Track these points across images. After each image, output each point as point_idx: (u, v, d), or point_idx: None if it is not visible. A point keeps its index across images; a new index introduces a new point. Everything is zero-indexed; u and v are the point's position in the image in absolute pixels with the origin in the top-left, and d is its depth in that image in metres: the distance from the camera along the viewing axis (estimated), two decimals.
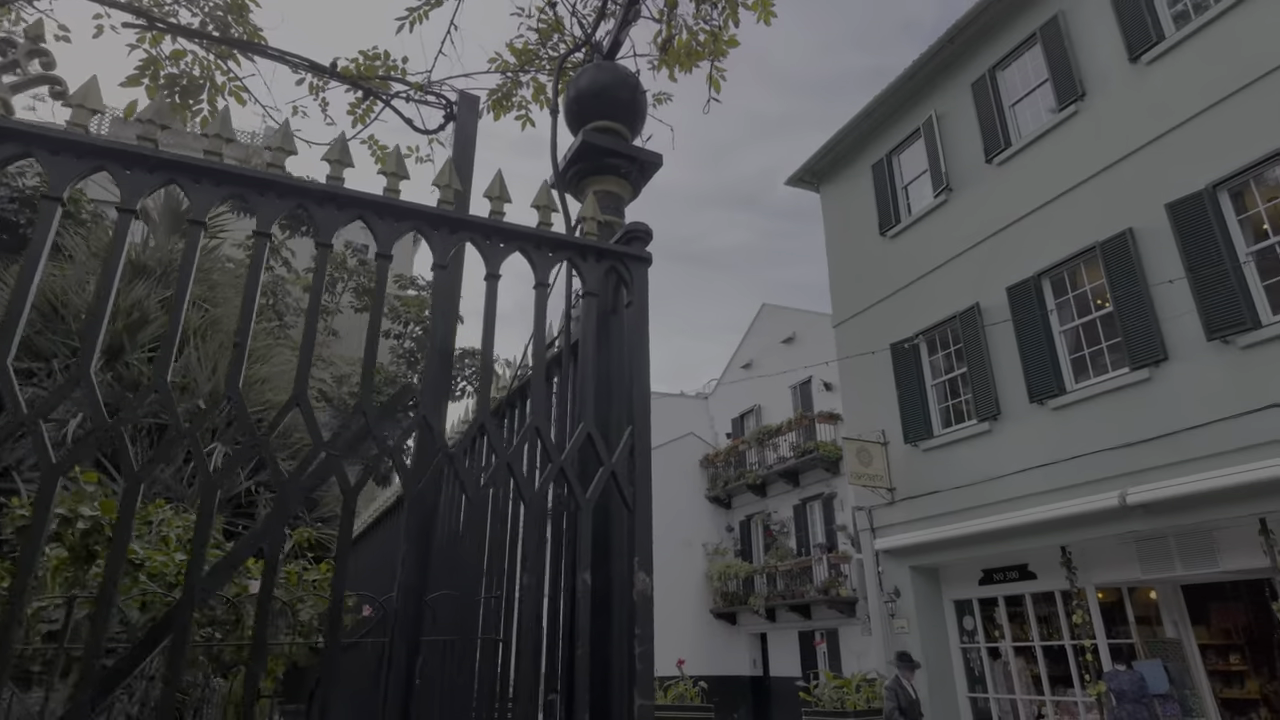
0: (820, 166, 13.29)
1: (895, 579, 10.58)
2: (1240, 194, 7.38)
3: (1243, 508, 6.86)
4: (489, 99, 2.85)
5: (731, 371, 24.09)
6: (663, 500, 21.04)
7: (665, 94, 2.95)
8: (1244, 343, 6.99)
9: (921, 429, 10.55)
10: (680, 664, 10.52)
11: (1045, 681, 9.09)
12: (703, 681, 10.31)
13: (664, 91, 2.95)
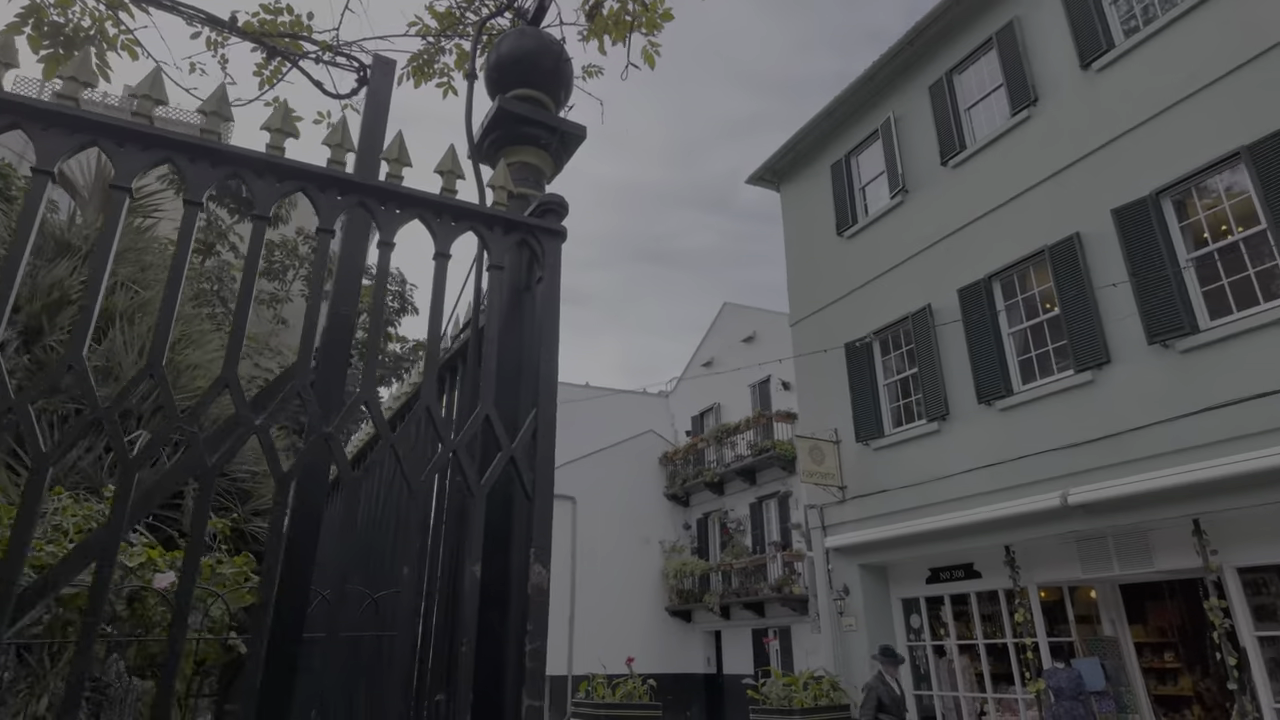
0: (781, 165, 13.30)
1: (845, 577, 10.63)
2: (1182, 201, 7.53)
3: (1177, 509, 7.01)
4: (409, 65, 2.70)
5: (692, 369, 24.10)
6: (621, 497, 21.00)
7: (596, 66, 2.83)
8: (1183, 347, 7.14)
9: (873, 428, 10.62)
10: (630, 662, 10.43)
11: (988, 679, 9.21)
12: (651, 679, 10.23)
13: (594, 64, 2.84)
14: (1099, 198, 8.15)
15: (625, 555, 20.49)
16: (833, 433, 11.35)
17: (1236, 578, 6.95)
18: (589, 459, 21.13)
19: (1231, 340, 6.81)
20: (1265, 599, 6.88)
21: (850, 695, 9.91)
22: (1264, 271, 6.79)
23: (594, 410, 30.99)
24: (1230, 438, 6.63)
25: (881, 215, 11.19)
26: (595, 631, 19.06)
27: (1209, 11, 7.44)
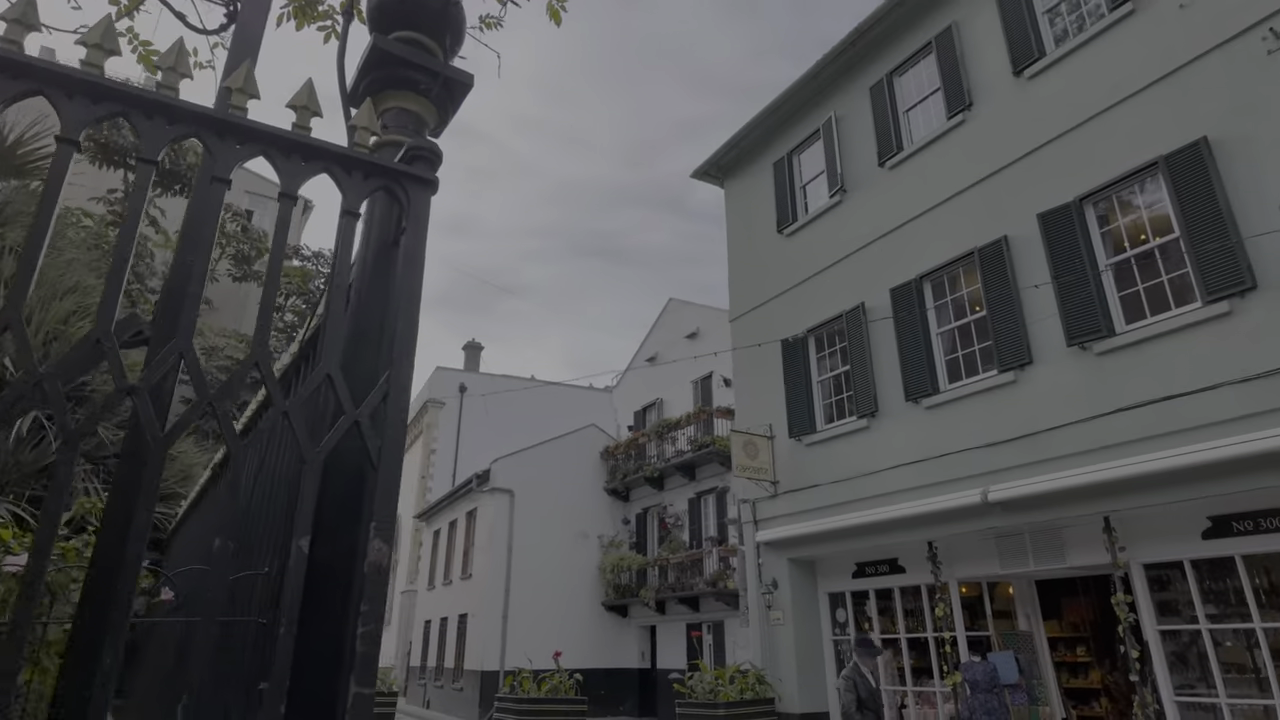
0: (726, 161, 13.30)
1: (774, 571, 10.69)
2: (1104, 208, 7.75)
3: (1090, 506, 7.21)
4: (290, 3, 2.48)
5: (636, 364, 24.02)
6: (561, 491, 20.78)
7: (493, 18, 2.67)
8: (1099, 349, 7.34)
9: (806, 424, 10.69)
10: (557, 656, 10.28)
11: (908, 673, 9.36)
12: (578, 674, 10.10)
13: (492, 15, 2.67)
14: (1027, 202, 8.33)
15: (563, 550, 20.31)
16: (767, 428, 11.39)
17: (1142, 574, 7.20)
18: (529, 452, 20.87)
19: (1144, 344, 7.03)
20: (1168, 595, 7.14)
21: (775, 689, 9.97)
22: (1177, 278, 7.03)
23: (537, 404, 30.70)
24: (1140, 438, 6.85)
25: (820, 214, 11.27)
26: (530, 626, 18.83)
27: (1130, 27, 7.67)
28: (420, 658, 23.64)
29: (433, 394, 29.06)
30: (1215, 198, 6.66)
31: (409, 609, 27.00)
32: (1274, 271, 6.23)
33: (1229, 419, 6.30)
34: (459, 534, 21.96)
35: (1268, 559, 6.47)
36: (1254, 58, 6.59)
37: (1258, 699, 6.36)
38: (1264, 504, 6.40)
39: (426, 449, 28.72)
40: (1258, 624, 6.38)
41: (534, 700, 9.40)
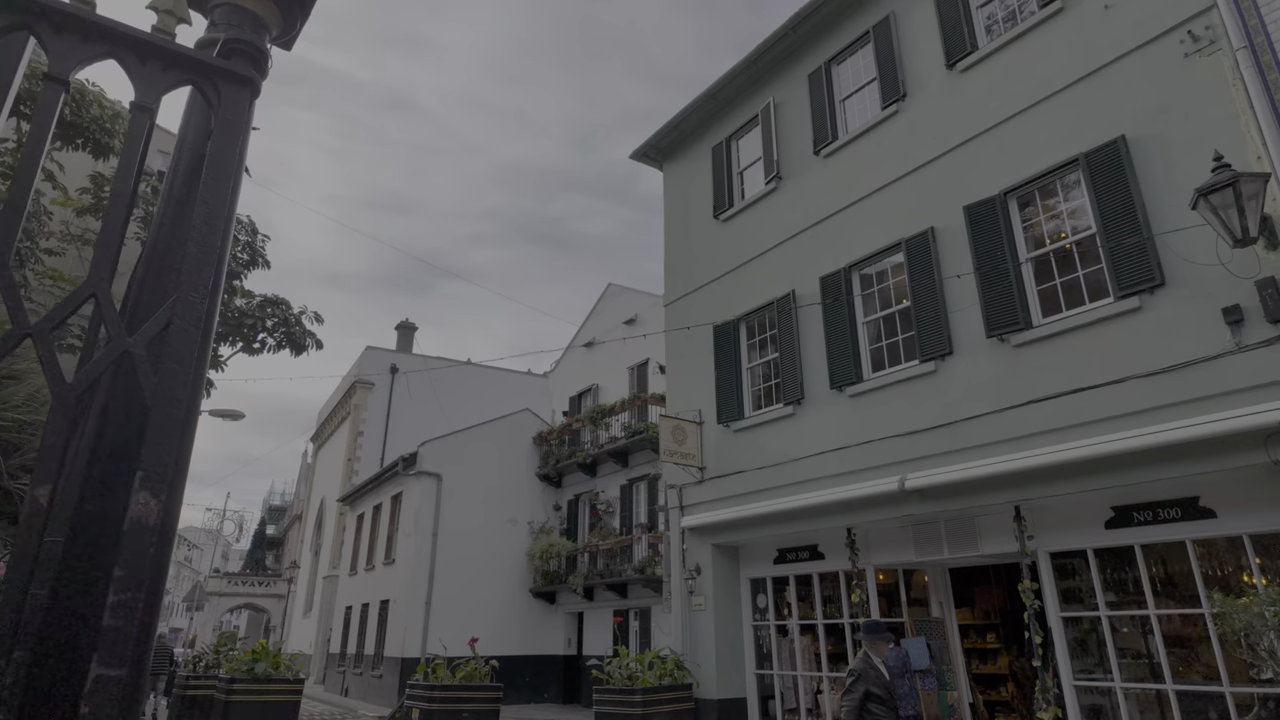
0: (665, 144, 13.12)
1: (698, 556, 10.64)
2: (1027, 203, 7.87)
3: (1002, 495, 7.33)
4: None
5: (574, 350, 23.73)
6: (492, 476, 20.37)
7: None
8: (1016, 341, 7.46)
9: (734, 410, 10.65)
10: (473, 643, 10.00)
11: (824, 658, 9.44)
12: (495, 660, 9.85)
13: None
14: (954, 194, 8.41)
15: (491, 536, 19.94)
16: (697, 414, 11.32)
17: (1049, 562, 7.37)
18: (458, 436, 20.39)
19: (1059, 337, 7.16)
20: (1072, 583, 7.33)
21: (694, 674, 9.92)
22: (1092, 273, 7.18)
23: (472, 387, 30.09)
24: (1051, 429, 6.98)
25: (756, 200, 11.21)
26: (454, 613, 18.45)
27: (1058, 25, 7.78)
28: (340, 645, 22.94)
29: (362, 374, 28.15)
30: (1130, 196, 6.81)
31: (330, 595, 26.19)
32: (1181, 269, 6.40)
33: (1135, 412, 6.46)
34: (383, 518, 21.34)
35: (1164, 548, 6.69)
36: (1172, 60, 6.75)
37: (1150, 684, 6.58)
38: (1163, 495, 6.60)
39: (354, 431, 27.83)
40: (1152, 611, 6.59)
41: (447, 688, 9.12)
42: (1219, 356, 6.07)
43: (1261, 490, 5.99)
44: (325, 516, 30.85)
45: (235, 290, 13.61)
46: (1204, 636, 6.27)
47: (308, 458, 40.16)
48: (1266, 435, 5.67)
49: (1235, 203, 5.52)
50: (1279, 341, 5.76)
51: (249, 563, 44.54)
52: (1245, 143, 6.13)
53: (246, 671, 9.62)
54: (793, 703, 9.71)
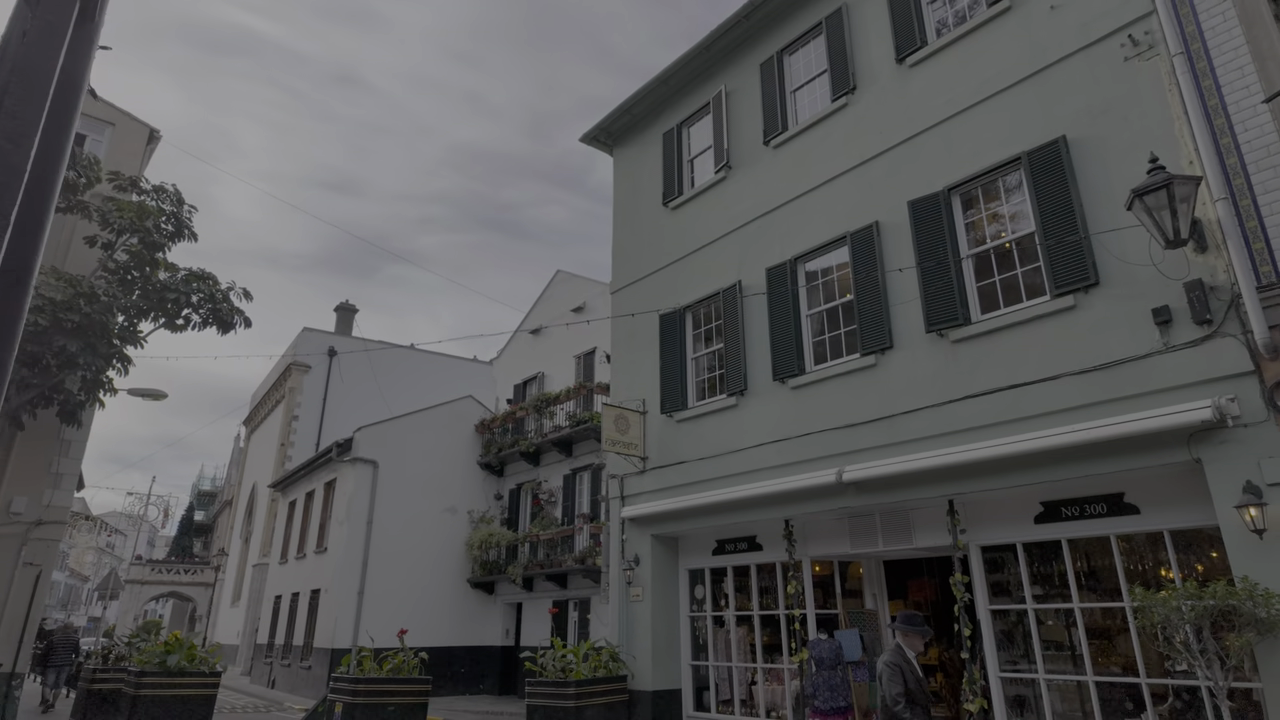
0: (616, 128, 12.89)
1: (637, 547, 10.52)
2: (969, 200, 7.92)
3: (936, 489, 7.39)
4: None
5: (520, 336, 23.34)
6: (431, 464, 19.88)
7: None
8: (955, 336, 7.51)
9: (678, 400, 10.55)
10: (401, 634, 9.67)
11: (759, 649, 9.43)
12: (424, 652, 9.55)
13: None
14: (899, 189, 8.42)
15: (428, 525, 19.49)
16: (641, 403, 11.18)
17: (979, 555, 7.46)
18: (397, 422, 19.84)
19: (997, 333, 7.23)
20: (1001, 576, 7.44)
21: (629, 666, 9.81)
22: (1030, 271, 7.26)
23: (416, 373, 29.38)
24: (985, 424, 7.05)
25: (706, 189, 11.09)
26: (387, 603, 17.97)
27: (1005, 24, 7.83)
28: (268, 635, 22.16)
29: (298, 356, 27.18)
30: (1069, 195, 6.89)
31: (260, 584, 25.29)
32: (1115, 269, 6.50)
33: (1067, 408, 6.56)
34: (316, 506, 20.65)
35: (1089, 543, 6.82)
36: (1113, 63, 6.84)
37: (1072, 675, 6.71)
38: (1090, 491, 6.73)
39: (288, 415, 26.89)
40: (1076, 604, 6.72)
41: (372, 680, 8.79)
42: (1148, 356, 6.19)
43: (1182, 487, 6.14)
44: (257, 503, 29.78)
45: (158, 263, 12.88)
46: (1124, 629, 6.42)
47: (240, 442, 38.72)
48: (1189, 434, 5.80)
49: (1168, 204, 5.61)
50: (1204, 342, 5.89)
51: (175, 549, 42.79)
52: (1179, 147, 6.25)
53: (158, 664, 9.11)
54: (727, 694, 9.69)
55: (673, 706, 9.78)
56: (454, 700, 17.77)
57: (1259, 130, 5.81)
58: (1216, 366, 5.78)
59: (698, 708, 9.83)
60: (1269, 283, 5.57)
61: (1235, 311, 5.75)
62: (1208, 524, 5.94)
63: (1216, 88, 6.07)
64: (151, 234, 12.59)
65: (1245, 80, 5.93)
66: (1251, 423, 5.56)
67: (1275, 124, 5.75)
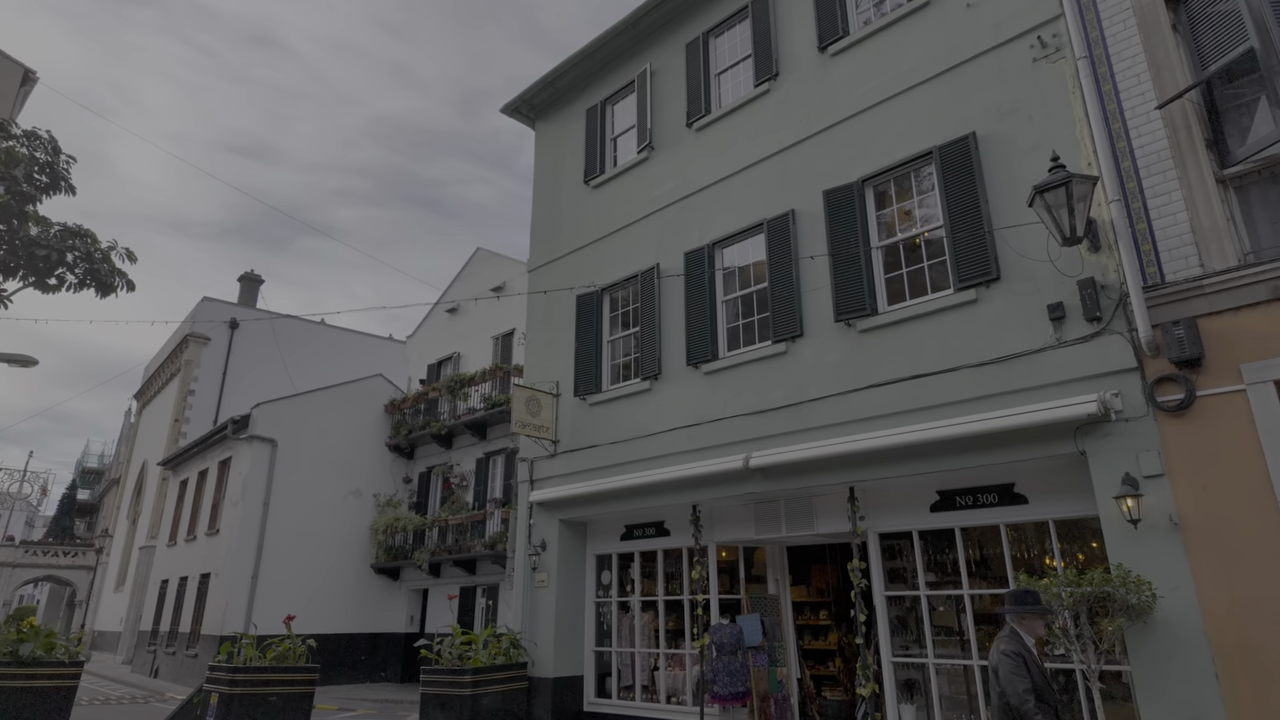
0: (539, 100, 12.51)
1: (545, 532, 10.29)
2: (882, 192, 7.99)
3: (839, 476, 7.45)
4: None
5: (436, 315, 22.60)
6: (336, 444, 19.03)
7: None
8: (862, 326, 7.57)
9: (592, 383, 10.34)
10: (288, 620, 9.15)
11: (663, 635, 9.38)
12: (311, 639, 9.06)
13: None
14: (816, 178, 8.43)
15: (331, 507, 18.68)
16: (554, 385, 10.92)
17: (877, 542, 7.58)
18: (299, 399, 18.89)
19: (902, 325, 7.32)
20: (897, 563, 7.58)
21: (531, 653, 9.59)
22: (936, 265, 7.37)
23: (325, 350, 28.12)
24: (887, 413, 7.14)
25: (628, 169, 10.88)
26: (283, 589, 17.13)
27: (924, 19, 7.91)
28: (153, 621, 20.85)
29: (196, 327, 25.56)
30: (976, 191, 7.02)
31: (146, 567, 23.76)
32: (1015, 265, 6.66)
33: (964, 400, 6.69)
34: (209, 485, 19.48)
35: (980, 531, 7.01)
36: (1022, 63, 6.99)
37: (960, 659, 6.90)
38: (983, 481, 6.91)
39: (183, 389, 25.29)
40: (966, 590, 6.90)
41: (252, 669, 8.26)
42: (1041, 351, 6.36)
43: (1068, 479, 6.36)
44: (147, 481, 27.94)
45: (27, 216, 11.73)
46: None
47: (131, 417, 36.27)
48: (1076, 427, 6.00)
49: (1067, 202, 5.75)
50: (1094, 339, 6.09)
51: (54, 530, 39.80)
52: (1080, 148, 6.43)
53: (9, 654, 8.31)
54: (629, 680, 9.60)
55: (574, 694, 9.63)
56: (353, 689, 17.14)
57: (1151, 136, 6.02)
58: (1103, 362, 5.99)
59: (599, 694, 9.71)
60: (1154, 283, 5.80)
61: (1123, 310, 5.96)
62: (1089, 514, 6.17)
63: (1115, 93, 6.26)
64: (20, 183, 11.44)
65: (1141, 87, 6.14)
66: (1133, 417, 5.79)
67: (1166, 131, 5.98)
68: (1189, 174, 5.80)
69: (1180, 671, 5.24)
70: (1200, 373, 5.52)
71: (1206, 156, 5.77)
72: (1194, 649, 5.21)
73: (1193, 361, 5.52)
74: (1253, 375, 5.29)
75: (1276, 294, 5.27)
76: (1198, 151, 5.81)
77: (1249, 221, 5.61)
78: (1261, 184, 5.60)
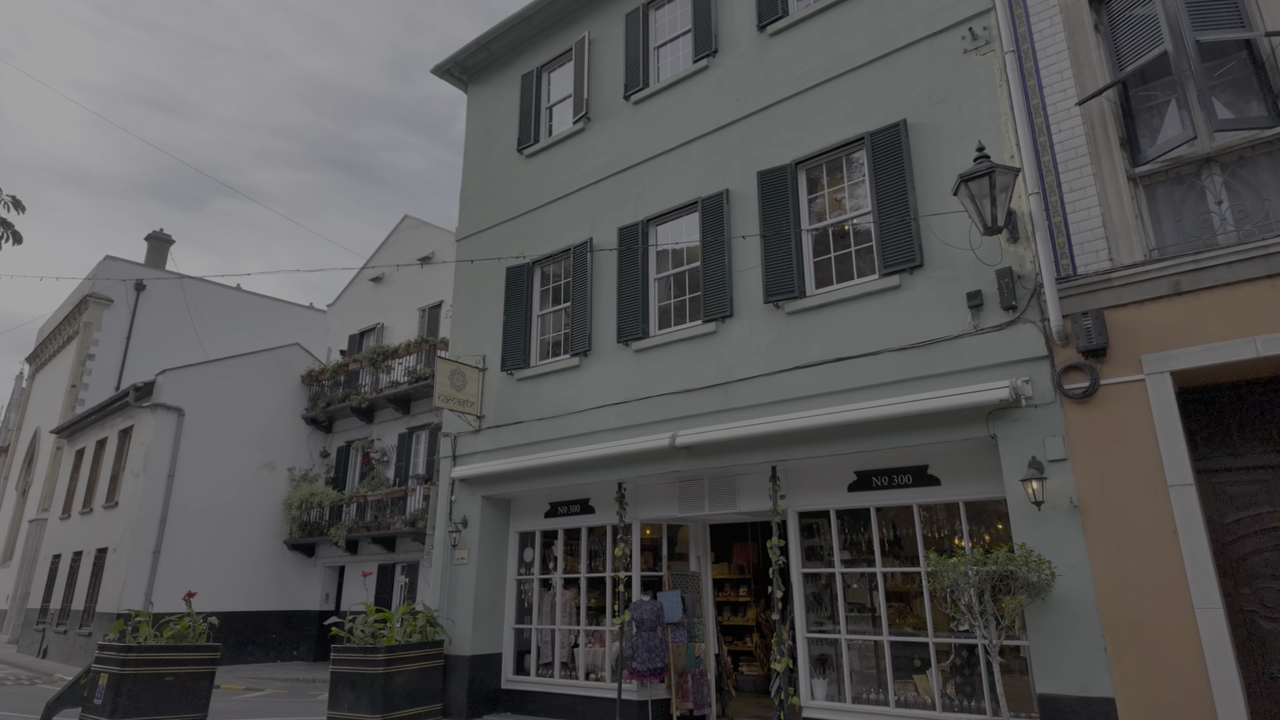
0: (472, 63, 12.07)
1: (467, 509, 10.06)
2: (815, 175, 8.03)
3: (762, 456, 7.52)
4: None
5: (360, 284, 21.78)
6: (249, 415, 18.18)
7: None
8: (790, 309, 7.62)
9: (520, 358, 10.13)
10: (188, 597, 8.68)
11: (584, 612, 9.34)
12: (214, 617, 8.62)
13: None
14: (751, 158, 8.41)
15: (243, 481, 17.89)
16: (481, 359, 10.65)
17: (796, 521, 7.70)
18: (209, 366, 17.94)
19: (828, 308, 7.40)
20: (815, 541, 7.72)
21: (448, 630, 9.41)
22: (863, 250, 7.47)
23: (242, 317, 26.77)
24: (811, 395, 7.23)
25: (563, 139, 10.63)
26: (188, 565, 16.34)
27: (860, 3, 7.94)
28: (43, 598, 19.59)
29: (97, 287, 23.90)
30: (904, 179, 7.12)
31: (36, 541, 22.27)
32: (938, 253, 6.80)
33: (885, 383, 6.82)
34: (108, 455, 18.34)
35: (895, 511, 7.20)
36: (953, 53, 7.10)
37: (871, 635, 7.09)
38: (899, 462, 7.08)
39: (81, 352, 23.67)
40: (879, 569, 7.09)
41: (146, 649, 7.80)
42: (959, 337, 6.53)
43: (978, 461, 6.58)
44: (39, 450, 26.12)
45: None
46: (919, 592, 6.84)
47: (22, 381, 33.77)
48: (989, 412, 6.19)
49: (990, 192, 5.88)
50: (1009, 327, 6.29)
51: None
52: (1004, 140, 6.58)
53: None
54: (549, 656, 9.54)
55: (492, 671, 9.50)
56: (263, 668, 16.55)
57: (1071, 132, 6.22)
58: (1016, 350, 6.19)
59: (518, 671, 9.62)
60: (1067, 275, 6.00)
61: (1037, 300, 6.17)
62: (998, 496, 6.40)
63: (1040, 88, 6.43)
64: None
65: (1064, 83, 6.32)
66: (1041, 403, 6.01)
67: (1085, 128, 6.17)
68: (1103, 171, 6.01)
69: (1073, 645, 5.51)
70: (1104, 362, 5.77)
71: (1120, 155, 5.99)
72: (1087, 624, 5.48)
73: (1098, 351, 5.76)
74: (1152, 366, 5.55)
75: (1176, 289, 5.53)
76: (1112, 149, 6.02)
77: (1155, 219, 5.86)
78: (1168, 184, 5.86)
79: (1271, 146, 5.45)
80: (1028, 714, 5.98)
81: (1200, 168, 5.70)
